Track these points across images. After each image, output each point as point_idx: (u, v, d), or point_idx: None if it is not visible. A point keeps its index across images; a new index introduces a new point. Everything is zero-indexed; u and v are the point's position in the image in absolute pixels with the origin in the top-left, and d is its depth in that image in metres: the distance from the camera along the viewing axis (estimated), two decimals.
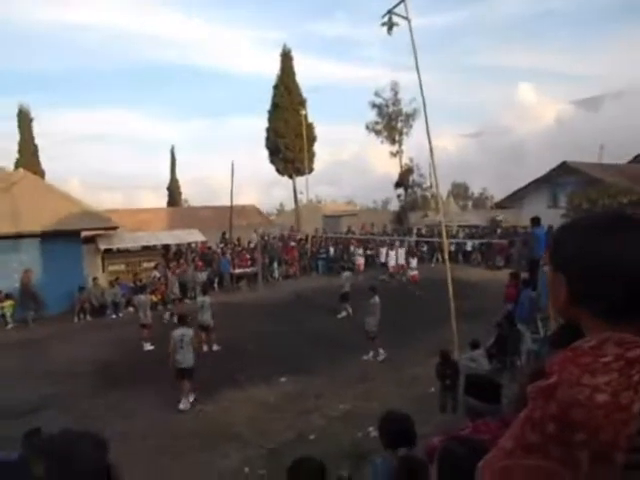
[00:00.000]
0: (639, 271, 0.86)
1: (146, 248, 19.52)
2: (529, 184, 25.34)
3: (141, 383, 9.50)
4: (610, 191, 19.70)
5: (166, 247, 20.74)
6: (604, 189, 19.97)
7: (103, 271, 17.96)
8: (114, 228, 17.81)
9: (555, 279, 0.97)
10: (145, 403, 8.71)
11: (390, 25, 8.65)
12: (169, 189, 44.85)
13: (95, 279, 16.70)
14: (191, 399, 8.67)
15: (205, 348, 11.42)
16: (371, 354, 10.61)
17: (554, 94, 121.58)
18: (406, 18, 8.61)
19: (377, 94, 36.43)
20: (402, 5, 8.82)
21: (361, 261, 22.95)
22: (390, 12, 8.65)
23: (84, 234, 17.41)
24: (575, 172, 22.74)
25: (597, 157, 29.85)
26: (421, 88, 9.30)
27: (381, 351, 10.61)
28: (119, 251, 18.67)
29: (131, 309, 15.78)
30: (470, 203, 64.29)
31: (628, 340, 0.84)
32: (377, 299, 10.75)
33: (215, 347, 11.69)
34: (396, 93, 36.12)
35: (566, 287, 0.94)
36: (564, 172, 23.21)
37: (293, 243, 24.84)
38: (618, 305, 0.88)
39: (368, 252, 24.56)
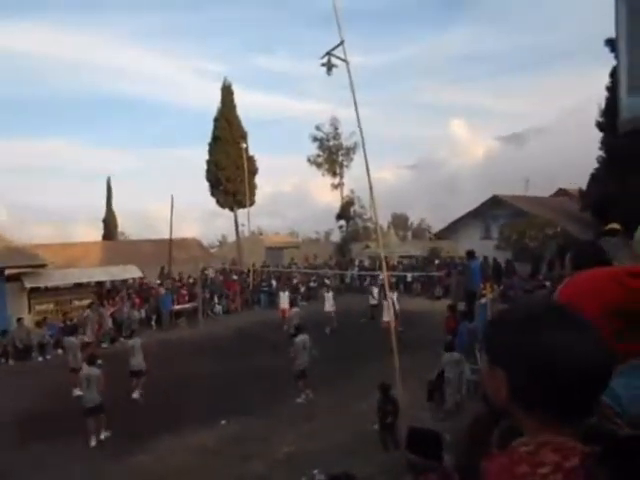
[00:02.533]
0: (578, 369, 0.82)
1: (78, 285, 18.52)
2: (463, 216, 26.51)
3: (70, 433, 8.82)
4: (536, 223, 20.96)
5: (100, 284, 19.77)
6: (531, 221, 21.22)
7: (29, 311, 16.81)
8: (42, 266, 16.80)
9: (493, 374, 0.92)
10: (74, 455, 8.13)
11: (329, 66, 8.87)
12: (105, 221, 43.07)
13: (20, 319, 15.55)
14: (102, 436, 8.78)
15: (136, 395, 10.68)
16: (302, 397, 10.19)
17: (482, 130, 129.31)
18: (344, 60, 8.87)
19: (318, 128, 37.35)
20: (341, 47, 9.11)
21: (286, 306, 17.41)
22: (329, 54, 8.89)
23: (8, 272, 16.30)
24: (504, 205, 24.07)
25: (523, 190, 31.84)
26: (360, 127, 9.50)
27: (306, 393, 10.20)
28: (47, 289, 17.54)
29: (60, 351, 14.77)
30: (410, 233, 66.22)
31: (566, 446, 0.81)
32: (301, 337, 10.45)
33: (136, 395, 10.77)
34: (336, 128, 37.18)
35: (506, 383, 0.89)
36: (494, 205, 24.52)
37: (235, 277, 24.44)
38: (558, 405, 0.84)
39: (311, 284, 24.61)
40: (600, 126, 20.76)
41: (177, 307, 19.61)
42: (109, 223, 42.87)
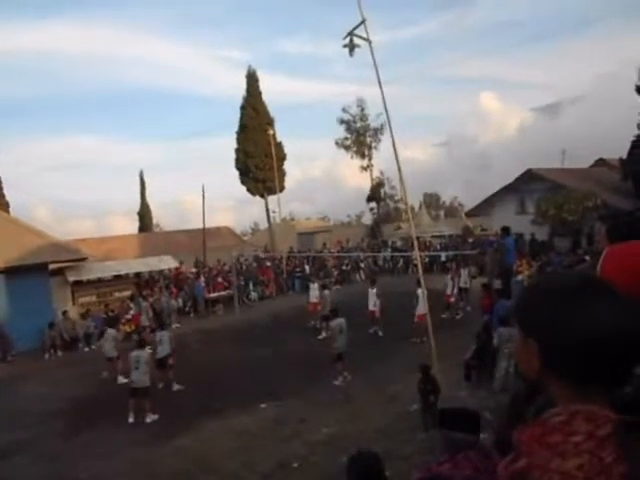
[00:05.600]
0: (611, 340, 0.82)
1: (117, 277, 19.11)
2: (497, 192, 25.87)
3: (117, 419, 9.19)
4: (575, 196, 20.27)
5: (138, 275, 20.35)
6: (569, 194, 20.53)
7: (73, 303, 17.48)
8: (83, 259, 17.39)
9: (526, 345, 0.92)
10: (122, 441, 8.42)
11: (352, 47, 8.75)
12: (140, 214, 44.18)
13: (65, 312, 16.20)
14: (149, 419, 9.09)
15: (160, 385, 10.69)
16: (340, 379, 10.22)
17: (514, 102, 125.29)
18: (367, 39, 8.72)
19: (344, 110, 37.01)
20: (363, 26, 8.95)
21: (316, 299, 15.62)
22: (351, 34, 8.76)
23: (52, 267, 16.95)
24: (540, 179, 23.34)
25: (560, 162, 30.82)
26: (385, 106, 9.39)
27: (343, 376, 10.22)
28: (89, 282, 18.17)
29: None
30: (442, 212, 65.25)
31: (598, 415, 0.81)
32: (337, 321, 10.45)
33: (176, 386, 10.80)
34: (362, 109, 36.74)
35: (538, 354, 0.89)
36: (529, 179, 23.80)
37: (268, 263, 24.72)
38: (591, 374, 0.85)
39: (344, 268, 24.68)
40: None
41: (213, 295, 20.00)
42: (144, 216, 43.94)
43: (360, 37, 8.72)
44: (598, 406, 0.82)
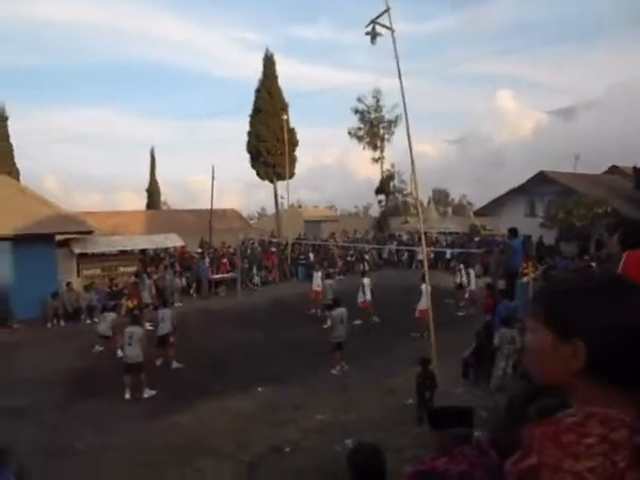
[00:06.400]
0: None
1: (123, 252, 19.18)
2: (507, 192, 25.67)
3: (115, 392, 9.28)
4: (585, 201, 20.09)
5: (143, 251, 20.43)
6: (579, 200, 20.35)
7: (78, 275, 17.58)
8: (90, 232, 17.47)
9: (562, 347, 0.87)
10: (118, 414, 8.51)
11: (374, 35, 8.64)
12: (148, 191, 44.29)
13: (69, 284, 16.32)
14: (146, 395, 9.20)
15: (175, 364, 10.85)
16: (338, 368, 10.26)
17: (531, 103, 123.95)
18: (390, 28, 8.62)
19: (360, 100, 36.78)
20: (386, 15, 8.84)
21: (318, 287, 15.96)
22: (374, 22, 8.65)
23: (58, 238, 17.04)
24: (552, 182, 23.13)
25: (572, 166, 30.51)
26: (403, 98, 9.32)
27: (341, 365, 10.27)
28: (94, 255, 18.25)
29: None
30: (450, 209, 64.99)
31: (613, 418, 0.79)
32: (338, 310, 10.48)
33: (175, 364, 10.86)
34: (378, 100, 36.49)
35: (585, 356, 0.84)
36: (541, 182, 23.59)
37: (273, 248, 24.75)
38: (633, 374, 0.83)
39: (348, 258, 24.70)
40: None
41: (217, 276, 20.07)
42: (153, 193, 44.07)
43: (383, 25, 8.62)
44: (619, 409, 0.81)
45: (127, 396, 9.17)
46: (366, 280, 14.58)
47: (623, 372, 0.83)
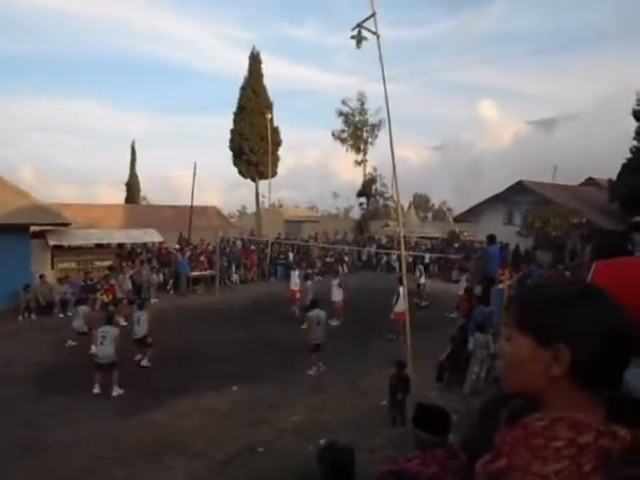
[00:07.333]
0: (626, 341, 0.85)
1: (99, 246, 18.87)
2: (486, 200, 26.10)
3: (87, 387, 9.12)
4: (561, 212, 20.55)
5: (121, 246, 20.12)
6: (556, 210, 20.80)
7: (52, 268, 17.21)
8: (66, 224, 17.12)
9: (540, 353, 0.87)
10: (91, 409, 8.39)
11: (359, 39, 8.70)
12: (128, 185, 43.61)
13: (42, 276, 15.96)
14: (114, 393, 9.06)
15: (144, 362, 10.70)
16: (314, 369, 10.29)
17: (513, 113, 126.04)
18: (375, 33, 8.68)
19: (344, 102, 36.91)
20: (372, 19, 8.90)
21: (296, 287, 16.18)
22: (360, 26, 8.71)
23: (33, 229, 16.65)
24: (529, 191, 23.61)
25: (551, 177, 31.18)
26: (387, 102, 9.39)
27: (318, 366, 10.31)
28: (70, 248, 17.89)
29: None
30: (430, 215, 65.62)
31: (582, 422, 0.81)
32: (315, 312, 10.48)
33: (144, 362, 10.70)
34: (362, 103, 36.68)
35: (569, 361, 0.84)
36: (519, 191, 24.06)
37: (253, 247, 24.64)
38: (610, 378, 0.85)
39: (328, 260, 24.76)
40: (637, 115, 20.07)
41: (195, 273, 19.87)
42: (132, 187, 43.39)
43: (369, 30, 8.68)
44: (589, 412, 0.83)
45: (96, 390, 9.05)
46: (335, 281, 15.25)
47: (599, 376, 0.84)
